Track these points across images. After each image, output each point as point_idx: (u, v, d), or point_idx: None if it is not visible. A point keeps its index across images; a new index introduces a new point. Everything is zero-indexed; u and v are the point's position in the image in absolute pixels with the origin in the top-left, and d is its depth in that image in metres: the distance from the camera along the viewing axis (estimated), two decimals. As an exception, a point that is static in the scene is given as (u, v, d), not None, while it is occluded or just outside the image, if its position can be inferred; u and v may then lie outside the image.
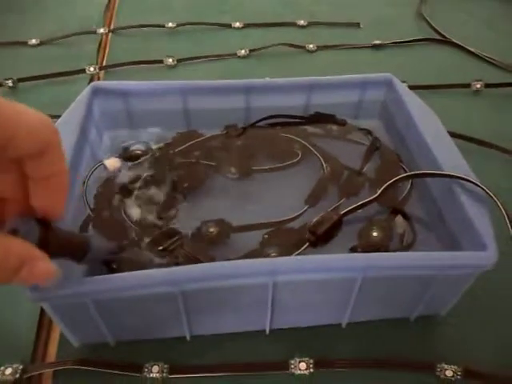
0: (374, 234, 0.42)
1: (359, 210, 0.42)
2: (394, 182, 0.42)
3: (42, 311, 0.42)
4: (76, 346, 0.39)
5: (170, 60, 0.74)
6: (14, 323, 0.41)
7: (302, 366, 0.38)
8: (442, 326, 0.42)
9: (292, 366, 0.38)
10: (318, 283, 0.36)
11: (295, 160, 0.50)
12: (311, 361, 0.38)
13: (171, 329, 0.39)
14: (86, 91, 0.48)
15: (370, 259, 0.35)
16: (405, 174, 0.43)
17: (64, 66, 0.72)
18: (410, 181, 0.47)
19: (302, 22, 0.85)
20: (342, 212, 0.40)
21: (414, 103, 0.50)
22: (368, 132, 0.52)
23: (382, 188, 0.41)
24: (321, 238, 0.39)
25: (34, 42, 0.78)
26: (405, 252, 0.39)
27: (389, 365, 0.38)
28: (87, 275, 0.36)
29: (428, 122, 0.47)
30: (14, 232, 0.27)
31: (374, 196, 0.41)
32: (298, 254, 0.39)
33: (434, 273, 0.36)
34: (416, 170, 0.46)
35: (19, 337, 0.40)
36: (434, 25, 0.86)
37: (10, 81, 0.69)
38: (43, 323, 0.41)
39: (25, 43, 0.78)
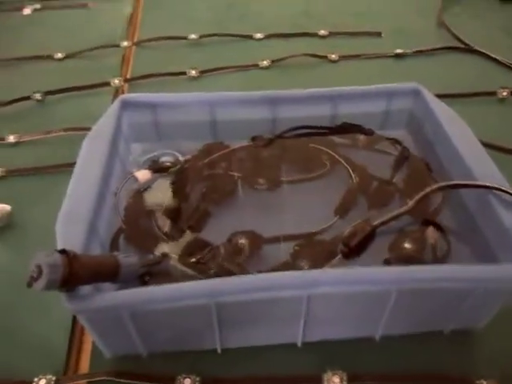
0: (407, 245, 0.41)
1: (391, 222, 0.42)
2: (427, 193, 0.41)
3: (74, 322, 0.42)
4: (108, 357, 0.40)
5: (193, 72, 0.74)
6: (46, 334, 0.41)
7: (336, 379, 0.37)
8: (478, 340, 0.41)
9: (325, 380, 0.37)
10: (352, 296, 0.36)
11: (323, 171, 0.50)
12: (344, 375, 0.37)
13: (203, 341, 0.39)
14: (115, 104, 0.49)
15: (405, 272, 0.34)
16: (440, 184, 0.42)
17: (89, 78, 0.73)
18: (442, 192, 0.46)
19: (323, 32, 0.85)
20: (375, 223, 0.40)
21: (443, 112, 0.49)
22: (396, 142, 0.52)
23: (416, 199, 0.40)
24: (354, 249, 0.39)
25: (59, 55, 0.80)
26: (440, 265, 0.38)
27: (425, 380, 0.37)
28: (121, 288, 0.36)
29: (458, 131, 0.46)
30: (39, 269, 0.27)
31: (408, 207, 0.40)
32: (330, 266, 0.39)
33: (471, 286, 0.36)
34: (447, 180, 0.45)
35: (51, 348, 0.40)
36: (455, 33, 0.85)
37: (38, 94, 0.70)
38: (75, 334, 0.42)
39: (51, 57, 0.80)
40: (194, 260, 0.39)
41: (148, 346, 0.38)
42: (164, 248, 0.41)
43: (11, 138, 0.64)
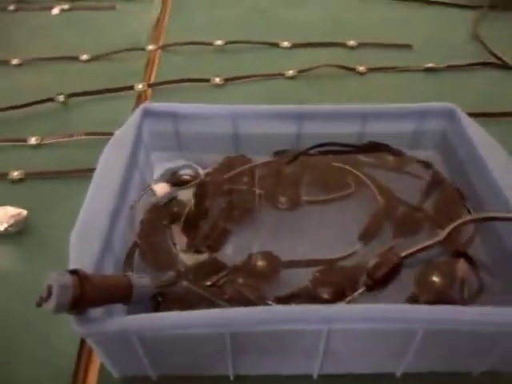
0: (435, 279, 0.39)
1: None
2: (460, 224, 0.39)
3: (83, 339, 0.41)
4: (116, 377, 0.38)
5: (218, 79, 0.73)
6: (53, 351, 0.40)
7: (353, 419, 0.35)
8: (509, 384, 0.38)
9: (341, 418, 0.35)
10: (375, 332, 0.34)
11: (348, 192, 0.47)
12: (362, 414, 0.35)
13: (215, 367, 0.37)
14: (137, 113, 0.48)
15: (433, 312, 0.32)
16: (474, 217, 0.40)
17: (113, 81, 0.73)
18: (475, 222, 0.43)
19: (351, 43, 0.83)
20: (403, 255, 0.38)
21: (479, 136, 0.47)
22: (428, 165, 0.49)
23: (447, 231, 0.38)
24: (379, 282, 0.37)
25: (84, 57, 0.80)
26: (471, 306, 0.35)
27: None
28: (132, 308, 0.34)
29: (496, 157, 0.44)
30: (49, 289, 0.26)
31: (438, 239, 0.38)
32: (353, 298, 0.37)
33: (503, 329, 0.33)
34: (481, 209, 0.43)
35: (59, 364, 0.39)
36: (490, 47, 0.81)
37: (61, 96, 0.70)
38: (83, 352, 0.40)
39: (76, 58, 0.79)
40: (209, 283, 0.37)
41: (158, 369, 0.37)
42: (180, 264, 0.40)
43: (32, 140, 0.63)
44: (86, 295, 0.29)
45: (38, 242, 0.51)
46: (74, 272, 0.30)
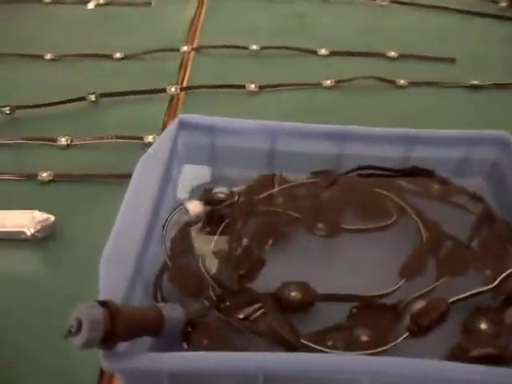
0: (483, 326, 0.36)
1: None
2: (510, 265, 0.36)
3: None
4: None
5: (253, 86, 0.71)
6: (74, 367, 0.38)
7: None
8: None
9: None
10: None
11: (389, 222, 0.45)
12: None
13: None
14: (173, 126, 0.46)
15: (487, 374, 0.29)
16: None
17: (145, 82, 0.71)
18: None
19: (392, 54, 0.79)
20: (451, 300, 0.35)
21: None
22: (478, 198, 0.46)
23: (500, 278, 0.35)
24: (423, 328, 0.34)
25: (118, 55, 0.78)
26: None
27: None
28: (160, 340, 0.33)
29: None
30: (79, 322, 0.25)
31: (490, 287, 0.35)
32: (395, 345, 0.34)
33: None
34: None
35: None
36: (539, 65, 0.77)
37: (93, 95, 0.69)
38: (104, 375, 0.39)
39: (109, 56, 0.78)
40: (242, 316, 0.35)
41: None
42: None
43: (63, 141, 0.62)
44: (116, 330, 0.27)
45: (64, 247, 0.50)
46: (103, 304, 0.28)
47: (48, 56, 0.78)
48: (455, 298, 0.35)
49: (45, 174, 0.57)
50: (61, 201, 0.55)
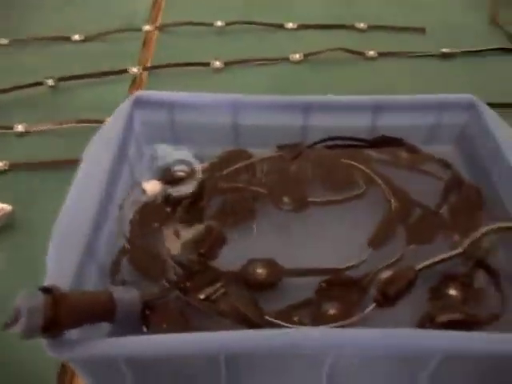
0: (452, 292, 0.35)
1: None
2: (483, 234, 0.35)
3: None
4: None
5: (218, 63, 0.68)
6: (35, 361, 0.36)
7: None
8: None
9: None
10: (384, 359, 0.30)
11: (358, 192, 0.43)
12: None
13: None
14: (128, 102, 0.44)
15: (452, 339, 0.28)
16: (496, 226, 0.36)
17: (107, 64, 0.68)
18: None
19: (361, 26, 0.77)
20: (418, 268, 0.34)
21: (502, 131, 0.43)
22: (446, 164, 0.45)
23: (468, 242, 0.34)
24: (391, 298, 0.33)
25: (77, 37, 0.75)
26: (494, 333, 0.31)
27: None
28: (118, 324, 0.31)
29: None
30: (18, 312, 0.23)
31: (458, 251, 0.34)
32: (362, 317, 0.33)
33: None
34: (502, 212, 0.39)
35: (40, 379, 0.36)
36: (508, 31, 0.76)
37: (50, 80, 0.65)
38: (66, 370, 0.37)
39: (68, 39, 0.75)
40: (203, 296, 0.33)
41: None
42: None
43: (19, 128, 0.59)
44: (60, 317, 0.25)
45: (23, 237, 0.48)
46: (47, 290, 0.26)
47: (2, 41, 0.74)
48: (422, 264, 0.34)
49: (0, 164, 0.54)
50: (18, 191, 0.52)
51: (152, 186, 0.40)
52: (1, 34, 0.75)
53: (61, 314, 0.25)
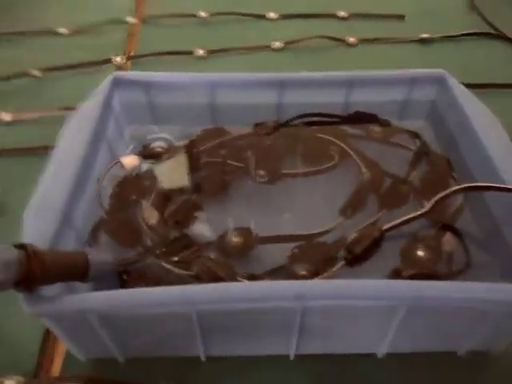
0: (420, 253, 0.36)
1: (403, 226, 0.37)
2: (446, 195, 0.36)
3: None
4: (83, 360, 0.36)
5: (201, 51, 0.70)
6: (17, 333, 0.38)
7: (330, 401, 0.33)
8: (494, 364, 0.36)
9: (318, 400, 0.33)
10: (353, 309, 0.31)
11: (330, 164, 0.45)
12: (341, 396, 0.33)
13: (185, 348, 0.35)
14: (106, 82, 0.45)
15: (415, 289, 0.29)
16: (461, 186, 0.37)
17: (92, 56, 0.69)
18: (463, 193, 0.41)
19: (342, 14, 0.79)
20: (384, 228, 0.35)
21: (471, 104, 0.44)
22: (415, 135, 0.46)
23: (432, 202, 0.35)
24: (358, 256, 0.34)
25: (62, 30, 0.76)
26: (457, 282, 0.33)
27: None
28: (96, 287, 0.32)
29: (487, 126, 0.41)
30: None
31: (422, 211, 0.36)
32: (331, 274, 0.34)
33: (489, 307, 0.31)
34: (471, 181, 0.40)
35: (23, 347, 0.37)
36: (488, 18, 0.78)
37: (36, 71, 0.66)
38: (49, 335, 0.38)
39: (53, 32, 0.76)
40: (176, 259, 0.34)
41: (124, 351, 0.35)
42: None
43: (5, 116, 0.60)
44: (33, 272, 0.26)
45: (7, 222, 0.48)
46: (21, 247, 0.27)
47: (-11, 35, 0.75)
48: (389, 225, 0.35)
49: (-13, 152, 0.55)
50: (5, 177, 0.53)
51: (130, 161, 0.41)
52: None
53: (34, 268, 0.26)
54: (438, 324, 0.33)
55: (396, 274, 0.34)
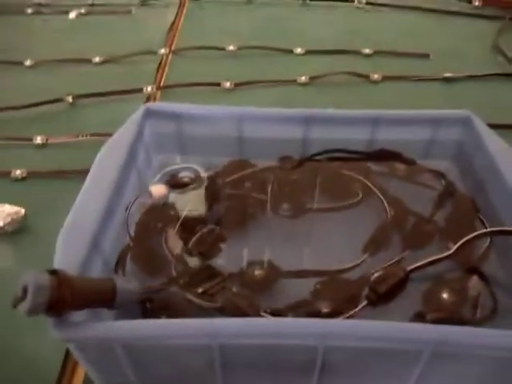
0: (444, 296, 0.36)
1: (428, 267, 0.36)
2: (472, 238, 0.36)
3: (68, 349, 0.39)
4: (101, 387, 0.36)
5: (228, 83, 0.72)
6: (38, 358, 0.38)
7: None
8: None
9: None
10: (376, 351, 0.31)
11: (354, 200, 0.45)
12: None
13: (205, 382, 0.35)
14: (138, 112, 0.47)
15: (441, 333, 0.29)
16: (486, 230, 0.37)
17: (123, 84, 0.72)
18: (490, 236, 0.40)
19: (367, 51, 0.81)
20: (409, 268, 0.35)
21: (497, 145, 0.44)
22: (441, 174, 0.46)
23: (458, 244, 0.35)
24: (382, 296, 0.34)
25: (97, 59, 0.79)
26: (484, 328, 0.32)
27: None
28: (121, 315, 0.32)
29: (514, 169, 0.41)
30: (25, 289, 0.25)
31: (448, 253, 0.35)
32: (354, 314, 0.34)
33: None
34: (497, 224, 0.40)
35: (43, 370, 0.37)
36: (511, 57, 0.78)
37: (70, 97, 0.69)
38: (69, 357, 0.39)
39: (89, 61, 0.79)
40: (200, 290, 0.35)
41: (144, 381, 0.35)
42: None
43: (38, 140, 0.63)
44: (64, 297, 0.27)
45: (34, 242, 0.50)
46: (53, 272, 0.28)
47: (28, 62, 0.79)
48: (414, 265, 0.35)
49: (18, 172, 0.57)
50: (33, 197, 0.55)
51: (158, 190, 0.42)
52: (27, 55, 0.80)
53: (65, 294, 0.27)
54: (461, 372, 0.32)
55: (419, 317, 0.33)
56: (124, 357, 0.31)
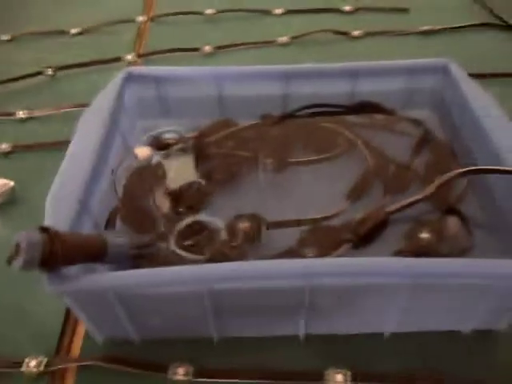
0: (423, 235, 0.37)
1: (407, 209, 0.38)
2: (449, 178, 0.37)
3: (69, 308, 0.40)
4: (100, 341, 0.38)
5: (208, 47, 0.71)
6: (39, 314, 0.39)
7: (339, 378, 0.34)
8: (500, 342, 0.37)
9: (326, 378, 0.34)
10: (360, 288, 0.33)
11: (336, 152, 0.46)
12: (349, 373, 0.34)
13: (198, 329, 0.37)
14: (119, 77, 0.47)
15: (418, 265, 0.31)
16: (462, 170, 0.38)
17: (103, 54, 0.71)
18: (467, 178, 0.42)
19: (346, 8, 0.80)
20: (388, 210, 0.36)
21: (474, 92, 0.45)
22: (418, 123, 0.47)
23: (435, 185, 0.37)
24: (364, 238, 0.35)
25: (74, 31, 0.78)
26: (460, 259, 0.34)
27: (436, 382, 0.34)
28: (113, 270, 0.34)
29: (490, 113, 0.42)
30: (18, 247, 0.26)
31: (425, 194, 0.37)
32: (337, 255, 0.36)
33: (492, 282, 0.32)
34: (474, 166, 0.41)
35: (45, 328, 0.39)
36: (491, 8, 0.78)
37: (49, 69, 0.69)
38: (70, 316, 0.40)
39: (65, 32, 0.78)
40: (189, 243, 0.36)
41: (140, 331, 0.36)
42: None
43: (21, 114, 0.62)
44: (56, 252, 0.28)
45: (24, 212, 0.50)
46: (44, 230, 0.29)
47: (4, 37, 0.77)
48: (393, 207, 0.36)
49: (3, 146, 0.58)
50: (20, 170, 0.55)
51: (143, 152, 0.43)
52: (3, 30, 0.78)
53: (57, 249, 0.28)
54: (441, 302, 0.34)
55: (399, 255, 0.35)
56: (118, 306, 0.32)
